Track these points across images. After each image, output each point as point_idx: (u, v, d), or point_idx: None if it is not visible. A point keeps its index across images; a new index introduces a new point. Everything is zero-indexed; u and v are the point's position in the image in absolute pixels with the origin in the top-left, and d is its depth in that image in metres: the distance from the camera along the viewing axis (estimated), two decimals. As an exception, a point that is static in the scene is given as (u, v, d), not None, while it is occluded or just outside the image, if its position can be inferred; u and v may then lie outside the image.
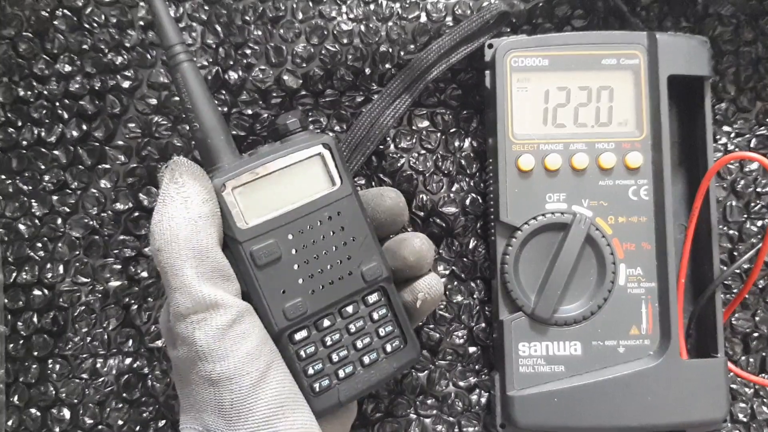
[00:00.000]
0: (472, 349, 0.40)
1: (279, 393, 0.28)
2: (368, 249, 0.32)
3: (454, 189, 0.40)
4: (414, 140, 0.40)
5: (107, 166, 0.40)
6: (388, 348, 0.33)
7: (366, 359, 0.32)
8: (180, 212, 0.28)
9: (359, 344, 0.32)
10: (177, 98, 0.39)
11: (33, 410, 0.39)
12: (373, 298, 0.33)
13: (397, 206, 0.34)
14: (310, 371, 0.31)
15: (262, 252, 0.30)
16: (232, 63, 0.40)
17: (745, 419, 0.40)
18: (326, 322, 0.32)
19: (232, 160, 0.31)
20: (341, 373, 0.32)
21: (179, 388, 0.30)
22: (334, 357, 0.32)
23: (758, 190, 0.41)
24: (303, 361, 0.31)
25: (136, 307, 0.39)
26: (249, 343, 0.28)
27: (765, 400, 0.40)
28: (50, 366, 0.39)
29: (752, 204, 0.41)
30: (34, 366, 0.39)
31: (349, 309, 0.32)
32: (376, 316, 0.33)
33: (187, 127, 0.38)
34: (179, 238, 0.28)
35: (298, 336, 0.31)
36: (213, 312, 0.28)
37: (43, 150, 0.40)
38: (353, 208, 0.32)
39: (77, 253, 0.40)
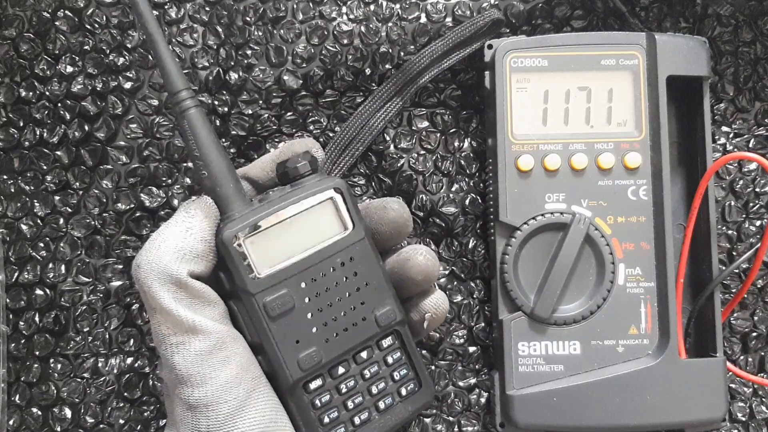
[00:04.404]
0: (471, 349, 0.40)
1: (258, 422, 0.28)
2: (381, 293, 0.32)
3: (453, 189, 0.40)
4: (414, 140, 0.41)
5: (109, 166, 0.40)
6: (403, 392, 0.32)
7: (381, 404, 0.32)
8: (176, 239, 0.28)
9: (374, 390, 0.32)
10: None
11: (34, 409, 0.39)
12: (387, 342, 0.32)
13: (401, 217, 0.33)
14: (326, 420, 0.31)
15: (276, 303, 0.29)
16: (232, 63, 0.40)
17: (743, 418, 0.40)
18: (341, 369, 0.31)
19: (243, 208, 0.30)
20: (357, 420, 0.31)
21: (166, 403, 0.30)
22: (350, 404, 0.31)
23: (757, 190, 0.41)
24: (318, 410, 0.31)
25: (137, 306, 0.39)
26: (229, 370, 0.28)
27: (764, 399, 0.40)
28: (52, 365, 0.39)
29: (751, 204, 0.41)
30: (36, 365, 0.39)
31: (364, 354, 0.32)
32: (390, 360, 0.32)
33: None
34: (160, 261, 0.28)
35: (313, 385, 0.31)
36: (192, 337, 0.28)
37: (45, 150, 0.40)
38: (366, 253, 0.31)
39: (79, 252, 0.40)
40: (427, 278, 0.33)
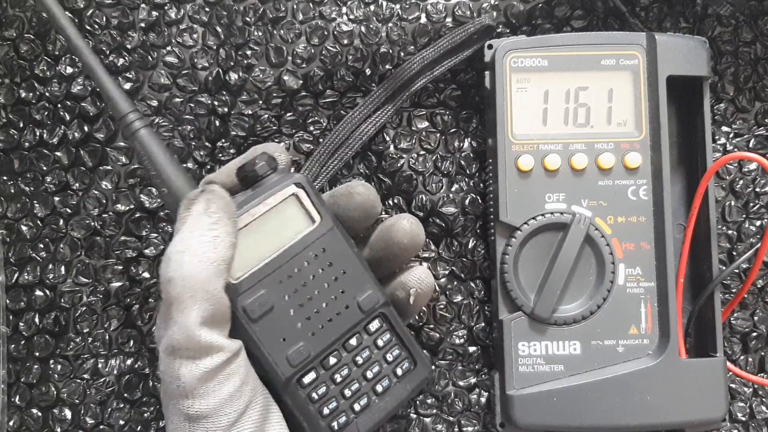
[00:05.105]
0: (471, 349, 0.40)
1: None
2: (360, 279, 0.32)
3: (453, 189, 0.40)
4: (413, 141, 0.41)
5: (108, 167, 0.40)
6: (399, 371, 0.33)
7: (379, 387, 0.32)
8: (207, 251, 0.27)
9: (369, 374, 0.32)
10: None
11: (34, 410, 0.39)
12: (374, 325, 0.32)
13: (367, 200, 0.34)
14: (326, 411, 0.31)
15: (255, 305, 0.30)
16: (232, 64, 0.40)
17: (744, 418, 0.40)
18: (332, 360, 0.31)
19: None
20: (357, 407, 0.32)
21: (162, 406, 0.29)
22: (347, 392, 0.31)
23: (757, 190, 0.41)
24: (316, 402, 0.31)
25: (137, 307, 0.39)
26: (232, 384, 0.28)
27: (764, 399, 0.40)
28: (52, 366, 0.39)
29: (751, 204, 0.41)
30: (36, 366, 0.39)
31: (353, 341, 0.32)
32: (380, 342, 0.32)
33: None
34: (198, 278, 0.27)
35: (307, 379, 0.31)
36: (205, 355, 0.27)
37: (45, 151, 0.40)
38: (337, 242, 0.31)
39: (79, 253, 0.40)
40: (414, 241, 0.33)
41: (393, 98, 0.39)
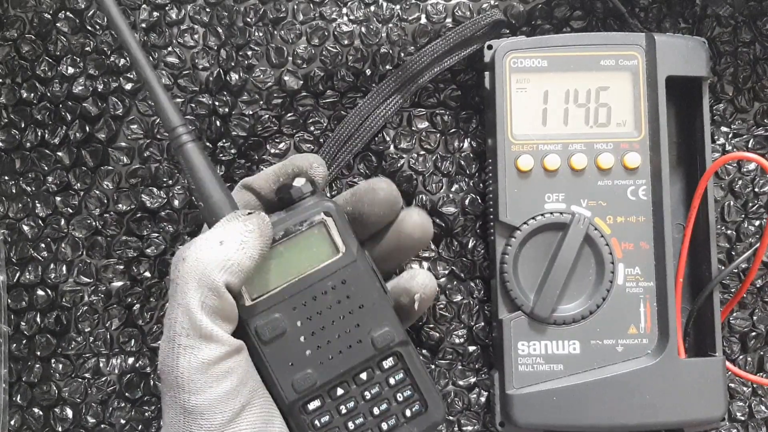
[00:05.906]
0: (471, 348, 0.40)
1: None
2: (378, 315, 0.31)
3: (453, 189, 0.41)
4: (413, 141, 0.41)
5: (110, 167, 0.40)
6: (408, 413, 0.32)
7: (384, 425, 0.32)
8: (229, 249, 0.28)
9: (376, 410, 0.32)
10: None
11: (36, 409, 0.39)
12: (388, 363, 0.32)
13: (391, 195, 0.34)
14: None
15: (267, 328, 0.30)
16: (233, 64, 0.40)
17: (743, 418, 0.40)
18: (340, 391, 0.31)
19: None
20: None
21: (161, 400, 0.30)
22: (350, 425, 0.31)
23: (756, 190, 0.41)
24: (318, 430, 0.31)
25: (138, 307, 0.40)
26: (230, 382, 0.28)
27: (763, 398, 0.40)
28: (53, 365, 0.39)
29: (750, 204, 0.41)
30: (37, 365, 0.39)
31: (363, 376, 0.32)
32: (392, 381, 0.32)
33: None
34: (210, 265, 0.28)
35: (312, 406, 0.31)
36: (204, 344, 0.28)
37: (47, 151, 0.40)
38: (359, 275, 0.31)
39: (80, 253, 0.40)
40: (425, 233, 0.34)
41: (401, 90, 0.40)
